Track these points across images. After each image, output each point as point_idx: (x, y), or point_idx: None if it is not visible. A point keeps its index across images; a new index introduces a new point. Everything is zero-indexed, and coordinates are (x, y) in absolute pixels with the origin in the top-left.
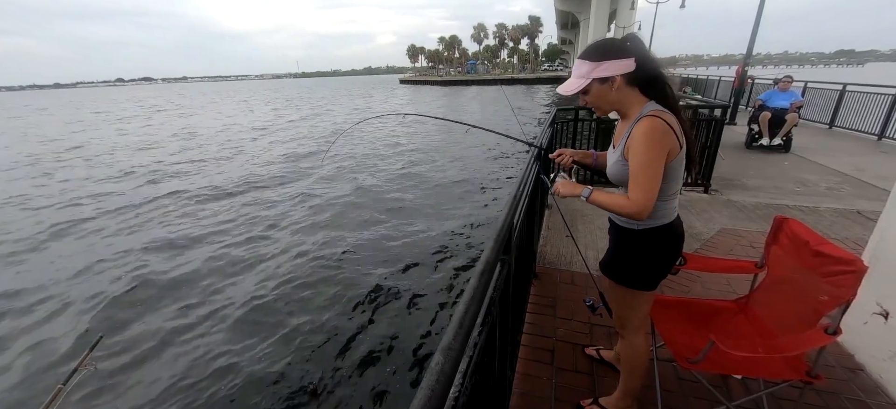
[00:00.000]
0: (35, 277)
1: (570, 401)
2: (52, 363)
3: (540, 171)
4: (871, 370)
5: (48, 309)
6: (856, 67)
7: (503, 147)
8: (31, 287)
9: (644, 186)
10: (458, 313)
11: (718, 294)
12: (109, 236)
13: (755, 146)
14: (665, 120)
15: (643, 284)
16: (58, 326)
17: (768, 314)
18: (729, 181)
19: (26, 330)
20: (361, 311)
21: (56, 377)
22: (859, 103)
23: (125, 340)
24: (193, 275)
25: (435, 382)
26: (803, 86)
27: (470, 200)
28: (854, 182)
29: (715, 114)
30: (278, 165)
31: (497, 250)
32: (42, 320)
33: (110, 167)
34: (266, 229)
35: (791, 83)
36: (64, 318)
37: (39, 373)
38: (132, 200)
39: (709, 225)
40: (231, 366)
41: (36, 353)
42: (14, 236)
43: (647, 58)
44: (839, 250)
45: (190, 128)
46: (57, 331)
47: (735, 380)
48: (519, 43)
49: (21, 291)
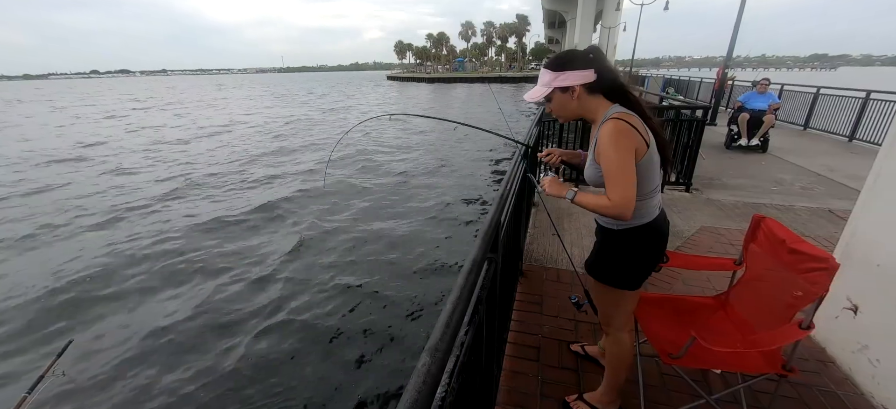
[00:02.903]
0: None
1: (555, 397)
2: (13, 372)
3: (527, 170)
4: (841, 362)
5: (16, 311)
6: (829, 71)
7: (491, 145)
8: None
9: (619, 184)
10: (444, 313)
11: (699, 291)
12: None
13: (734, 146)
14: (627, 121)
15: (626, 283)
16: (26, 330)
17: (746, 310)
18: (709, 181)
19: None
20: (344, 312)
21: (19, 387)
22: (832, 106)
23: (98, 344)
24: (172, 275)
25: (422, 383)
26: (780, 88)
27: (457, 197)
28: (826, 182)
29: (696, 115)
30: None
31: (484, 249)
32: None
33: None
34: (246, 230)
35: (769, 85)
36: (34, 321)
37: (1, 382)
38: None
39: (690, 223)
40: (209, 368)
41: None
42: None
43: (606, 68)
44: (813, 248)
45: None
46: (22, 336)
47: (714, 374)
48: (506, 41)
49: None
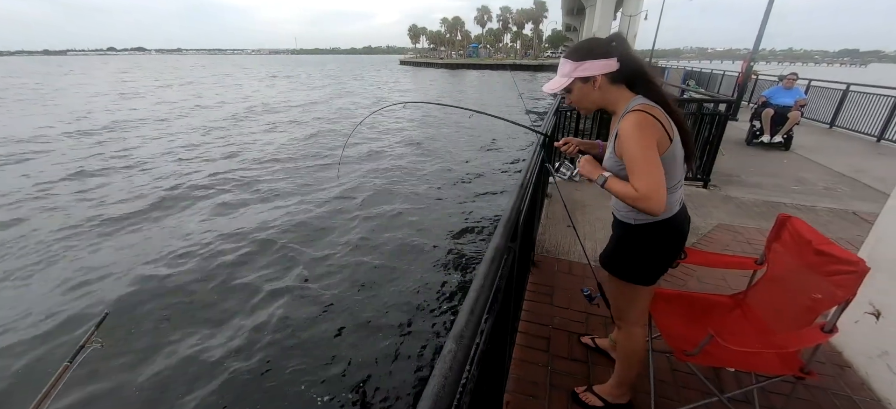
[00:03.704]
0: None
1: (564, 388)
2: (57, 340)
3: (544, 159)
4: (858, 367)
5: (58, 284)
6: (859, 68)
7: (505, 134)
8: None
9: (644, 174)
10: (469, 300)
11: (714, 289)
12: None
13: (756, 143)
14: (650, 113)
15: (642, 278)
16: (66, 301)
17: (765, 311)
18: (728, 177)
19: (32, 307)
20: (359, 299)
21: (62, 354)
22: (861, 104)
23: (133, 317)
24: (209, 253)
25: (448, 369)
26: (807, 84)
27: (470, 187)
28: (851, 183)
29: (719, 109)
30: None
31: (506, 237)
32: (49, 296)
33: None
34: (267, 213)
35: (795, 81)
36: (73, 293)
37: (45, 350)
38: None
39: (706, 220)
40: (242, 347)
41: (41, 331)
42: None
43: (630, 57)
44: (842, 251)
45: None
46: (64, 307)
47: (727, 373)
48: (523, 28)
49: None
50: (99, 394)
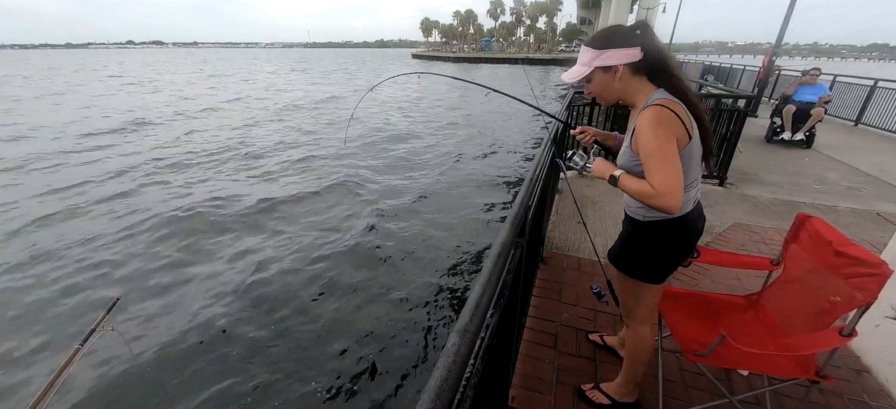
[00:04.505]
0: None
1: (571, 385)
2: (69, 322)
3: (555, 154)
4: (877, 372)
5: (72, 267)
6: (888, 63)
7: (516, 128)
8: (57, 247)
9: (660, 171)
10: (473, 295)
11: (727, 289)
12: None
13: (776, 140)
14: (670, 108)
15: (650, 276)
16: (80, 285)
17: (780, 312)
18: (745, 175)
19: (46, 290)
20: (360, 291)
21: (74, 337)
22: (889, 100)
23: (145, 303)
24: (221, 238)
25: (451, 363)
26: (832, 79)
27: (479, 180)
28: (876, 183)
29: (738, 105)
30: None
31: (513, 233)
32: (64, 279)
33: None
34: (274, 204)
35: (818, 76)
36: (87, 277)
37: (58, 332)
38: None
39: (722, 219)
40: (251, 339)
41: (54, 313)
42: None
43: (654, 47)
44: (864, 252)
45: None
46: (77, 290)
47: (738, 375)
48: (536, 21)
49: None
50: (108, 376)
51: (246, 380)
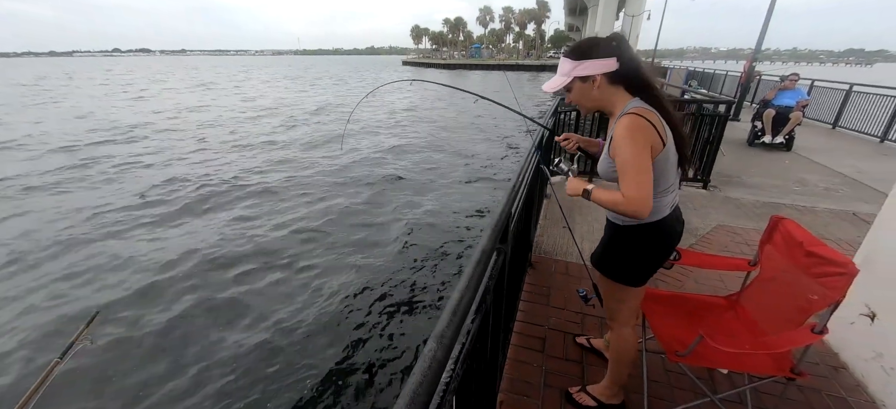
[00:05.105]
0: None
1: (558, 388)
2: (47, 336)
3: (540, 161)
4: (853, 368)
5: (48, 280)
6: (864, 67)
7: (505, 133)
8: (31, 259)
9: (633, 180)
10: (451, 301)
11: (711, 290)
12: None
13: (757, 144)
14: (644, 117)
15: (630, 279)
16: (56, 298)
17: (758, 312)
18: (728, 178)
19: (23, 302)
20: (351, 296)
21: (53, 351)
22: (864, 104)
23: (124, 316)
24: (197, 251)
25: (427, 368)
26: (810, 84)
27: (468, 187)
28: (852, 184)
29: (719, 109)
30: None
31: (494, 239)
32: (40, 290)
33: None
34: (264, 210)
35: (797, 81)
36: (64, 290)
37: (35, 347)
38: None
39: (705, 221)
40: (233, 347)
41: (32, 327)
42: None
43: (629, 58)
44: (832, 252)
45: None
46: (55, 304)
47: (720, 374)
48: (525, 28)
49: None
50: (87, 390)
51: (227, 389)
